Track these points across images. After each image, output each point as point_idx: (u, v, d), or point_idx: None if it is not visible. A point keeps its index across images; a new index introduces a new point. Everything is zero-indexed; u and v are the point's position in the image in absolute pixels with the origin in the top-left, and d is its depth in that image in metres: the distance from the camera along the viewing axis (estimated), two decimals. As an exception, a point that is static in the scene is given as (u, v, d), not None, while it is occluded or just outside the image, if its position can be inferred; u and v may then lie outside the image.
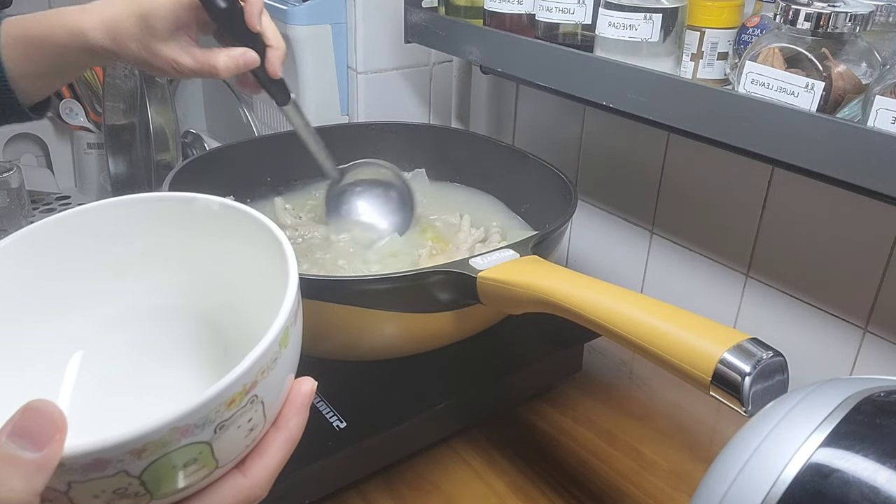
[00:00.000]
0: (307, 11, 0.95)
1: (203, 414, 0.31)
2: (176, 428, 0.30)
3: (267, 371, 0.33)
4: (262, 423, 0.35)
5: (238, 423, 0.33)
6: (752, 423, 0.37)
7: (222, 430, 0.32)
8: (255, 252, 0.40)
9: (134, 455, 0.29)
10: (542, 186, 0.79)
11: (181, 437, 0.30)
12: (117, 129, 1.11)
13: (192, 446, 0.31)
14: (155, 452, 0.30)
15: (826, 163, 0.53)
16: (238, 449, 0.34)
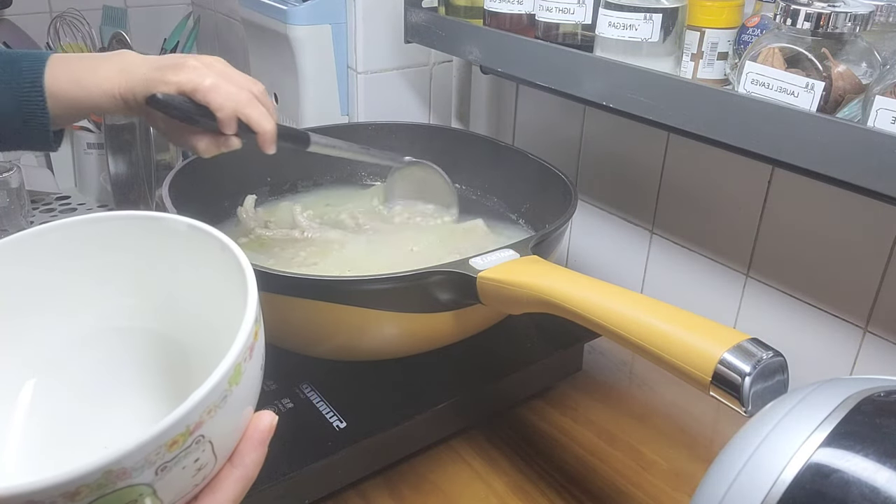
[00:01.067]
0: (307, 11, 0.95)
1: (140, 457, 0.29)
2: (111, 471, 0.28)
3: (214, 410, 0.31)
4: (212, 462, 0.33)
5: (182, 463, 0.31)
6: (752, 423, 0.37)
7: (164, 472, 0.30)
8: (220, 276, 0.39)
9: (66, 498, 0.28)
10: (542, 186, 0.79)
11: (117, 480, 0.29)
12: (117, 129, 1.11)
13: (130, 489, 0.30)
14: (89, 495, 0.29)
15: (826, 163, 0.53)
16: (185, 489, 0.33)
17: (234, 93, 0.60)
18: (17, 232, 0.40)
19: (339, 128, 0.94)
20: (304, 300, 0.59)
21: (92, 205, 1.30)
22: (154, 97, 0.58)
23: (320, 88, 1.01)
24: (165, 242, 0.41)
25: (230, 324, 0.34)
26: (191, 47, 1.43)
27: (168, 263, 0.41)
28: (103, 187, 1.28)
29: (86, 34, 1.29)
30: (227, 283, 0.38)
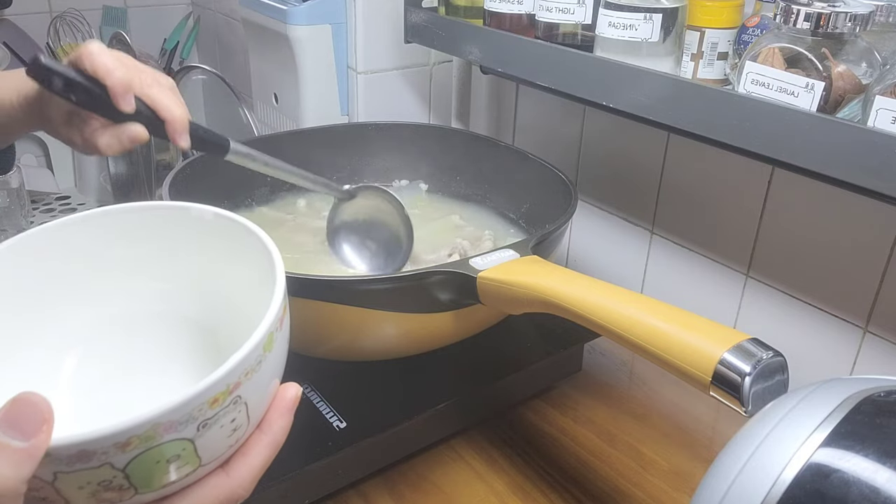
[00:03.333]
0: (307, 11, 0.95)
1: (186, 411, 0.31)
2: (159, 423, 0.31)
3: (251, 373, 0.34)
4: (245, 425, 0.35)
5: (221, 422, 0.33)
6: (752, 423, 0.37)
7: (205, 429, 0.33)
8: (247, 260, 0.41)
9: (118, 448, 0.30)
10: (542, 186, 0.79)
11: (164, 433, 0.31)
12: (117, 129, 1.11)
13: (175, 443, 0.32)
14: (139, 446, 0.31)
15: (826, 163, 0.53)
16: (221, 448, 0.35)
17: (130, 67, 0.52)
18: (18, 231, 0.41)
19: (339, 128, 0.94)
20: (303, 300, 0.59)
21: (92, 205, 1.30)
22: (36, 60, 0.48)
23: (320, 88, 1.01)
24: (193, 231, 0.43)
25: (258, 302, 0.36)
26: (191, 47, 1.43)
27: (197, 250, 0.43)
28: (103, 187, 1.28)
29: (86, 34, 1.29)
30: (254, 265, 0.40)
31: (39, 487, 0.31)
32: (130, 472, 0.31)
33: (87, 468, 0.30)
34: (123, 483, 0.32)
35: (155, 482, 0.33)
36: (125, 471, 0.31)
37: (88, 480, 0.31)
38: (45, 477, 0.30)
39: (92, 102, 0.51)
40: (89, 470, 0.30)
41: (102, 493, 0.32)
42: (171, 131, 0.54)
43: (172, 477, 0.33)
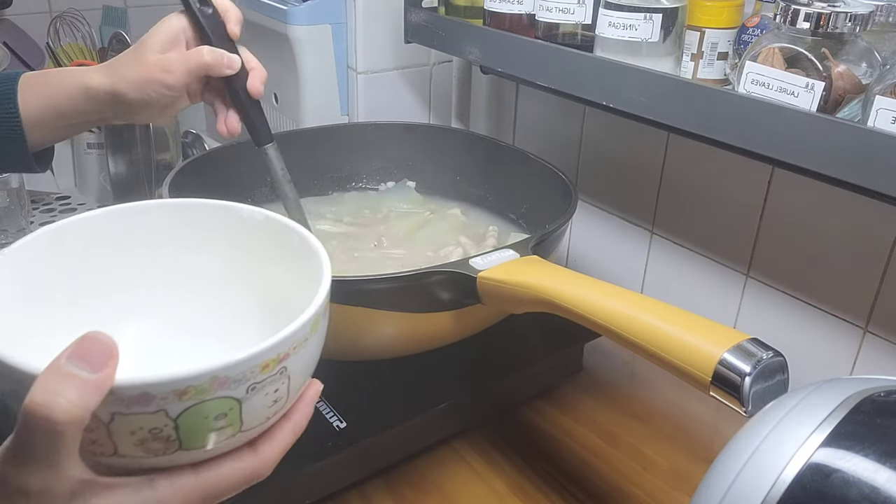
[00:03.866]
0: (307, 11, 0.95)
1: (241, 370, 0.33)
2: (217, 377, 0.33)
3: (298, 348, 0.36)
4: (284, 398, 0.38)
5: (266, 389, 0.35)
6: (753, 423, 0.37)
7: (253, 392, 0.35)
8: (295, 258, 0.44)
9: (176, 395, 0.32)
10: (542, 186, 0.79)
11: (218, 388, 0.33)
12: (117, 128, 1.11)
13: (225, 400, 0.34)
14: (194, 397, 0.32)
15: (826, 163, 0.53)
16: (260, 418, 0.37)
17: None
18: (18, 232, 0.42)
19: (339, 128, 0.94)
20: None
21: (92, 205, 1.30)
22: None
23: (320, 88, 1.01)
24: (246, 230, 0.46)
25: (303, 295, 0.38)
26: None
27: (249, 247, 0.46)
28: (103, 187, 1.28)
29: (86, 34, 1.29)
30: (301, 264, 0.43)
31: (94, 428, 0.32)
32: (180, 423, 0.33)
33: (144, 412, 0.32)
34: (171, 434, 0.33)
35: (198, 440, 0.34)
36: (176, 421, 0.33)
37: (141, 426, 0.32)
38: (102, 417, 0.32)
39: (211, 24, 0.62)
40: (145, 415, 0.32)
41: (150, 443, 0.33)
42: (254, 78, 0.63)
43: (214, 438, 0.35)
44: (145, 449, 0.33)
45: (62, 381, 0.29)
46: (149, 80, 0.61)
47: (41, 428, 0.29)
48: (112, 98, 0.61)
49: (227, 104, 0.66)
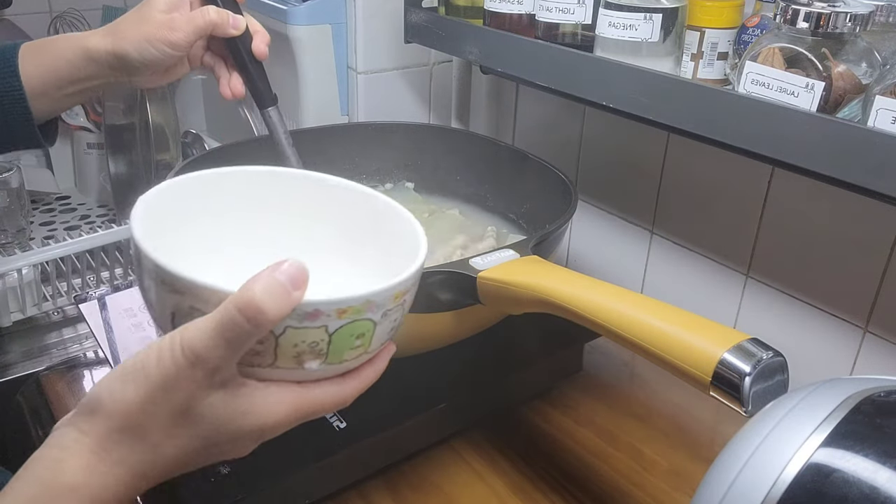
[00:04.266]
0: (307, 11, 0.95)
1: (385, 296, 0.39)
2: (370, 301, 0.38)
3: (412, 290, 0.42)
4: (395, 330, 0.43)
5: (391, 317, 0.41)
6: (753, 423, 0.37)
7: (384, 318, 0.40)
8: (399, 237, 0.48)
9: (338, 314, 0.37)
10: (542, 186, 0.79)
11: (367, 311, 0.39)
12: (117, 129, 1.11)
13: (367, 322, 0.39)
14: (349, 316, 0.38)
15: (826, 163, 0.53)
16: (379, 344, 0.42)
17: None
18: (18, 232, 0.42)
19: (339, 128, 0.94)
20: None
21: (92, 205, 1.30)
22: None
23: (320, 88, 1.01)
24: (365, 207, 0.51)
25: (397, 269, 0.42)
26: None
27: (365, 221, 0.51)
28: (103, 187, 1.28)
29: (86, 34, 1.29)
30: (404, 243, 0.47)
31: (264, 340, 0.37)
32: (333, 339, 0.38)
33: (310, 327, 0.37)
34: (323, 349, 0.38)
35: (339, 356, 0.40)
36: (331, 337, 0.38)
37: (304, 339, 0.37)
38: (275, 330, 0.36)
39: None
40: (310, 329, 0.37)
41: (305, 355, 0.38)
42: (258, 40, 0.64)
43: (349, 356, 0.40)
44: (298, 361, 0.38)
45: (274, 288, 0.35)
46: (153, 39, 0.61)
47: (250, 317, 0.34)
48: (114, 59, 0.61)
49: (229, 67, 0.67)
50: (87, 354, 0.83)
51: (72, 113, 1.27)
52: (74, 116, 1.27)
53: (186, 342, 0.35)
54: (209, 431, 0.37)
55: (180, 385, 0.35)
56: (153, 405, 0.36)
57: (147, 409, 0.36)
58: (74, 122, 1.28)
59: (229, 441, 0.38)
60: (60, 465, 0.36)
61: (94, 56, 0.61)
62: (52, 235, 1.18)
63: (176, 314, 0.38)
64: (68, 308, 0.91)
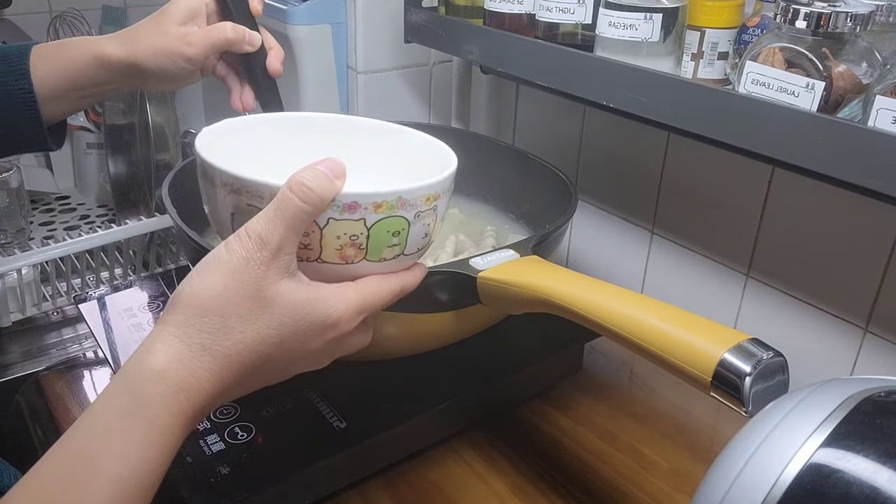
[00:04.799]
0: (307, 11, 0.95)
1: (416, 196, 0.44)
2: (401, 197, 0.43)
3: (443, 195, 0.47)
4: (428, 237, 0.47)
5: (423, 220, 0.45)
6: (753, 423, 0.37)
7: (417, 220, 0.45)
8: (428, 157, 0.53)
9: (374, 207, 0.42)
10: (542, 186, 0.79)
11: (399, 207, 0.43)
12: (117, 129, 1.11)
13: (401, 219, 0.44)
14: (384, 211, 0.43)
15: (826, 163, 0.53)
16: (415, 246, 0.47)
17: None
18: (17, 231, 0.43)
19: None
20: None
21: (92, 205, 1.30)
22: None
23: (320, 88, 1.01)
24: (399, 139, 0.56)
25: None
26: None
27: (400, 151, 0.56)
28: (103, 187, 1.28)
29: (86, 34, 1.29)
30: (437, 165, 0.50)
31: (310, 233, 0.42)
32: (371, 233, 0.43)
33: (350, 219, 0.42)
34: (363, 243, 0.43)
35: (378, 253, 0.44)
36: (370, 231, 0.43)
37: (345, 231, 0.42)
38: (319, 222, 0.42)
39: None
40: (350, 221, 0.42)
41: (346, 249, 0.43)
42: (273, 57, 0.65)
43: (387, 255, 0.45)
44: (341, 255, 0.43)
45: (318, 174, 0.40)
46: (169, 53, 0.62)
47: (301, 193, 0.39)
48: (128, 68, 0.62)
49: (241, 80, 0.67)
50: (87, 354, 0.83)
51: (72, 113, 1.27)
52: (74, 116, 1.27)
53: (250, 228, 0.40)
54: (282, 318, 0.40)
55: (250, 268, 0.39)
56: (227, 289, 0.39)
57: (223, 294, 0.39)
58: (74, 122, 1.27)
59: (301, 338, 0.41)
60: (148, 354, 0.38)
61: (108, 63, 0.62)
62: (51, 235, 1.18)
63: (235, 214, 0.44)
64: (68, 308, 0.91)
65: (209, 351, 0.39)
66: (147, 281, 0.83)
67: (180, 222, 0.62)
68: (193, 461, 0.57)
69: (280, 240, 0.40)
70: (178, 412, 0.38)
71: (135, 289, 0.80)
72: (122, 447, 0.36)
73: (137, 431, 0.36)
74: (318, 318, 0.42)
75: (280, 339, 0.41)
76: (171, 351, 0.38)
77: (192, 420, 0.39)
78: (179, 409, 0.38)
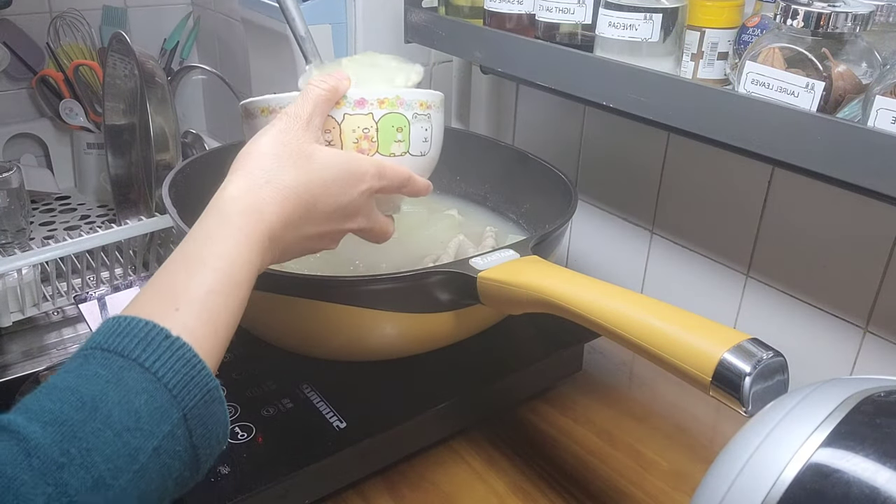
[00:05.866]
0: (307, 11, 0.95)
1: (410, 98, 0.55)
2: (399, 96, 0.54)
3: (435, 108, 0.58)
4: (429, 144, 0.58)
5: (421, 124, 0.56)
6: (753, 423, 0.37)
7: (415, 120, 0.55)
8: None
9: (378, 103, 0.54)
10: (542, 186, 0.79)
11: (399, 105, 0.54)
12: (117, 129, 1.11)
13: (401, 116, 0.55)
14: (388, 107, 0.54)
15: (826, 163, 0.53)
16: (418, 148, 0.56)
17: None
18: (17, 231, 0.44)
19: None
20: (304, 300, 0.59)
21: (92, 205, 1.30)
22: None
23: (320, 88, 1.00)
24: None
25: None
26: (191, 47, 1.43)
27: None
28: (103, 187, 1.28)
29: (85, 34, 1.29)
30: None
31: (331, 129, 0.53)
32: (379, 125, 0.54)
33: (360, 113, 0.53)
34: (373, 136, 0.54)
35: (387, 147, 0.54)
36: (377, 124, 0.53)
37: (358, 125, 0.53)
38: (337, 118, 0.53)
39: None
40: (361, 115, 0.53)
41: (361, 142, 0.53)
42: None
43: (395, 150, 0.55)
44: (358, 148, 0.53)
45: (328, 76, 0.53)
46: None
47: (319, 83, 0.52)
48: None
49: None
50: (87, 354, 0.83)
51: (72, 113, 1.27)
52: (74, 116, 1.27)
53: (286, 109, 0.51)
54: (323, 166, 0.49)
55: (290, 131, 0.50)
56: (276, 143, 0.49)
57: (273, 146, 0.49)
58: (74, 122, 1.27)
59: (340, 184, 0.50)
60: (223, 192, 0.47)
61: None
62: (52, 235, 1.18)
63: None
64: (68, 308, 0.91)
65: (270, 184, 0.47)
66: (147, 281, 0.83)
67: (180, 222, 0.62)
68: (193, 461, 0.57)
69: (309, 114, 0.50)
70: (255, 225, 0.46)
71: (135, 289, 0.80)
72: (221, 246, 0.44)
73: (228, 235, 0.45)
74: (350, 168, 0.51)
75: (323, 181, 0.49)
76: (241, 184, 0.47)
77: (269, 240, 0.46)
78: (256, 223, 0.46)
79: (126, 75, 1.06)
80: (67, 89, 1.26)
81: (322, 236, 0.52)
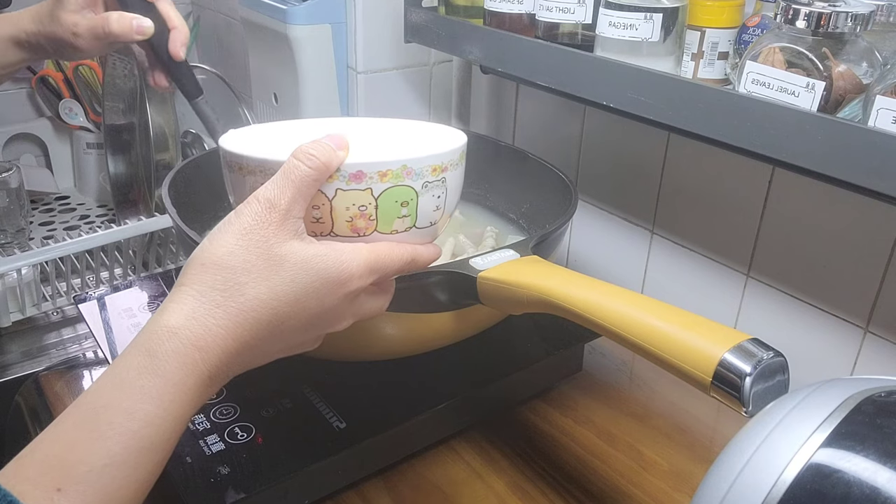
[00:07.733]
0: (307, 11, 0.95)
1: (421, 165, 0.45)
2: (406, 166, 0.44)
3: (452, 167, 0.47)
4: (441, 211, 0.48)
5: (432, 193, 0.46)
6: (753, 423, 0.37)
7: (425, 190, 0.45)
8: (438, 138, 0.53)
9: (380, 176, 0.43)
10: (542, 186, 0.79)
11: (405, 176, 0.44)
12: (117, 128, 1.11)
13: (407, 188, 0.45)
14: (391, 180, 0.44)
15: (826, 163, 0.53)
16: (426, 220, 0.47)
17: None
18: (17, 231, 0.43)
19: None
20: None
21: (91, 205, 1.30)
22: None
23: (320, 88, 1.01)
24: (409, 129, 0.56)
25: None
26: (191, 47, 1.43)
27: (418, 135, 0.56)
28: (103, 187, 1.28)
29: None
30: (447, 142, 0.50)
31: (320, 205, 0.43)
32: (379, 203, 0.44)
33: (357, 189, 0.43)
34: (372, 214, 0.44)
35: (388, 224, 0.45)
36: (377, 200, 0.44)
37: (353, 202, 0.43)
38: (328, 193, 0.43)
39: None
40: (357, 191, 0.43)
41: (357, 220, 0.44)
42: (174, 39, 0.64)
43: (398, 226, 0.45)
44: (352, 227, 0.44)
45: (321, 144, 0.42)
46: (59, 40, 0.63)
47: (305, 158, 0.41)
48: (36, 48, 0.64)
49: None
50: (87, 355, 0.83)
51: (71, 113, 1.27)
52: (74, 116, 1.27)
53: (260, 193, 0.41)
54: (295, 275, 0.41)
55: (259, 229, 0.40)
56: (239, 248, 0.40)
57: (234, 253, 0.40)
58: (74, 122, 1.27)
59: (315, 294, 0.42)
60: (163, 314, 0.39)
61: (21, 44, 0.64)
62: (51, 235, 1.18)
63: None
64: (68, 308, 0.91)
65: (223, 307, 0.39)
66: (147, 281, 0.83)
67: (180, 222, 0.62)
68: (193, 461, 0.57)
69: (288, 203, 0.41)
70: (192, 369, 0.38)
71: (135, 289, 0.80)
72: (137, 402, 0.36)
73: (152, 387, 0.37)
74: (330, 273, 0.42)
75: (294, 296, 0.41)
76: (184, 309, 0.39)
77: (209, 379, 0.39)
78: (194, 366, 0.38)
79: (126, 75, 1.06)
80: (67, 89, 1.26)
81: (293, 348, 0.45)
